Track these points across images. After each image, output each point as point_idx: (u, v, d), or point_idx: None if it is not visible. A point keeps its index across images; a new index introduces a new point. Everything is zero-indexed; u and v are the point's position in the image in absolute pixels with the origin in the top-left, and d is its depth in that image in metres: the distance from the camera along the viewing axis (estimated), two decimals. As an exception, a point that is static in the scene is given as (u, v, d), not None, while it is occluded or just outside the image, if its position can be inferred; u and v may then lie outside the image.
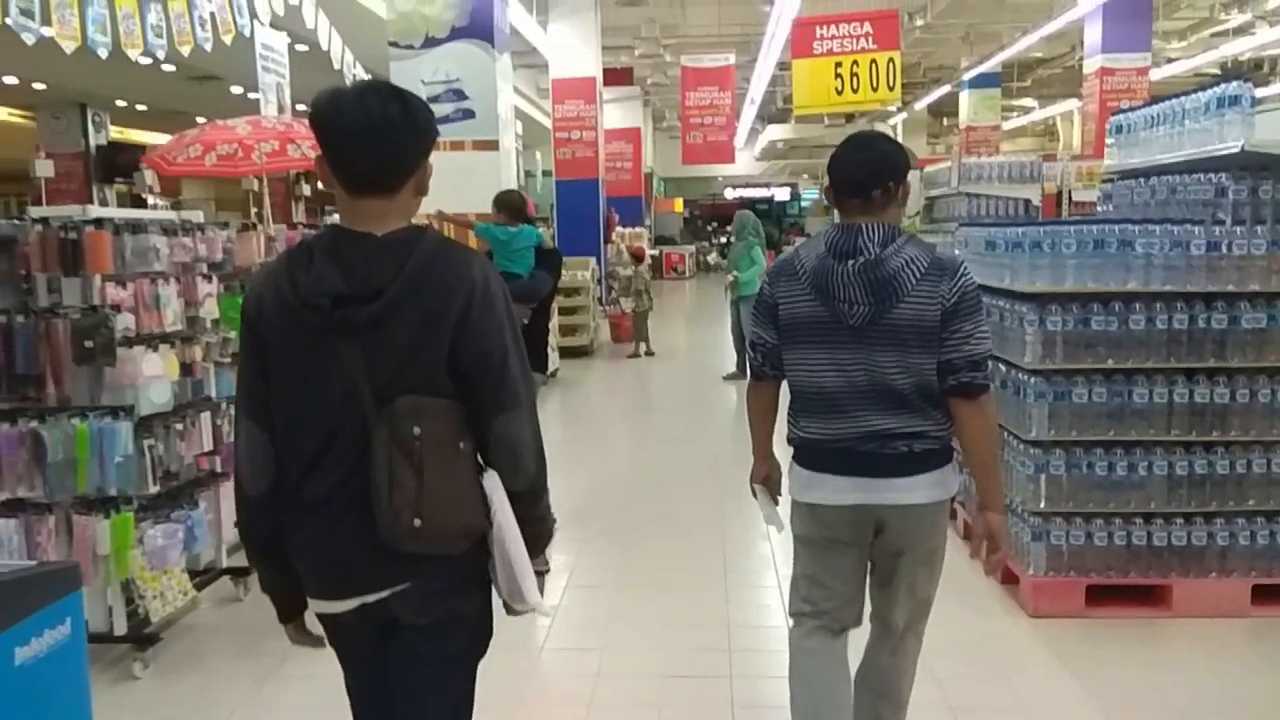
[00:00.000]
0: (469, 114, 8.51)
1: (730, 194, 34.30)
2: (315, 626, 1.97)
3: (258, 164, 5.10)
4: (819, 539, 2.51)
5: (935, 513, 2.46)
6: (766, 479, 2.72)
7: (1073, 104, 18.32)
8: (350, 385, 1.75)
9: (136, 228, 3.58)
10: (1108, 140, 4.90)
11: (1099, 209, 4.99)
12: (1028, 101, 21.27)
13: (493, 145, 8.64)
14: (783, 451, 2.64)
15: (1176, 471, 3.83)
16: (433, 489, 1.72)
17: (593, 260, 12.38)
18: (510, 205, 5.51)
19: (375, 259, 1.74)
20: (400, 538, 1.71)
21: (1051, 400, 3.84)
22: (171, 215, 3.93)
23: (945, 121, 23.98)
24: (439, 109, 8.49)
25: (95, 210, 3.52)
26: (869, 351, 2.34)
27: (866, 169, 2.40)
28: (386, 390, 1.74)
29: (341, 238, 1.78)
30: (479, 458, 1.83)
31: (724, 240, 31.92)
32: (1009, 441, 4.05)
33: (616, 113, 17.52)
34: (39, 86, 13.19)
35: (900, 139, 23.47)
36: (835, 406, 2.40)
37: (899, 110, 21.37)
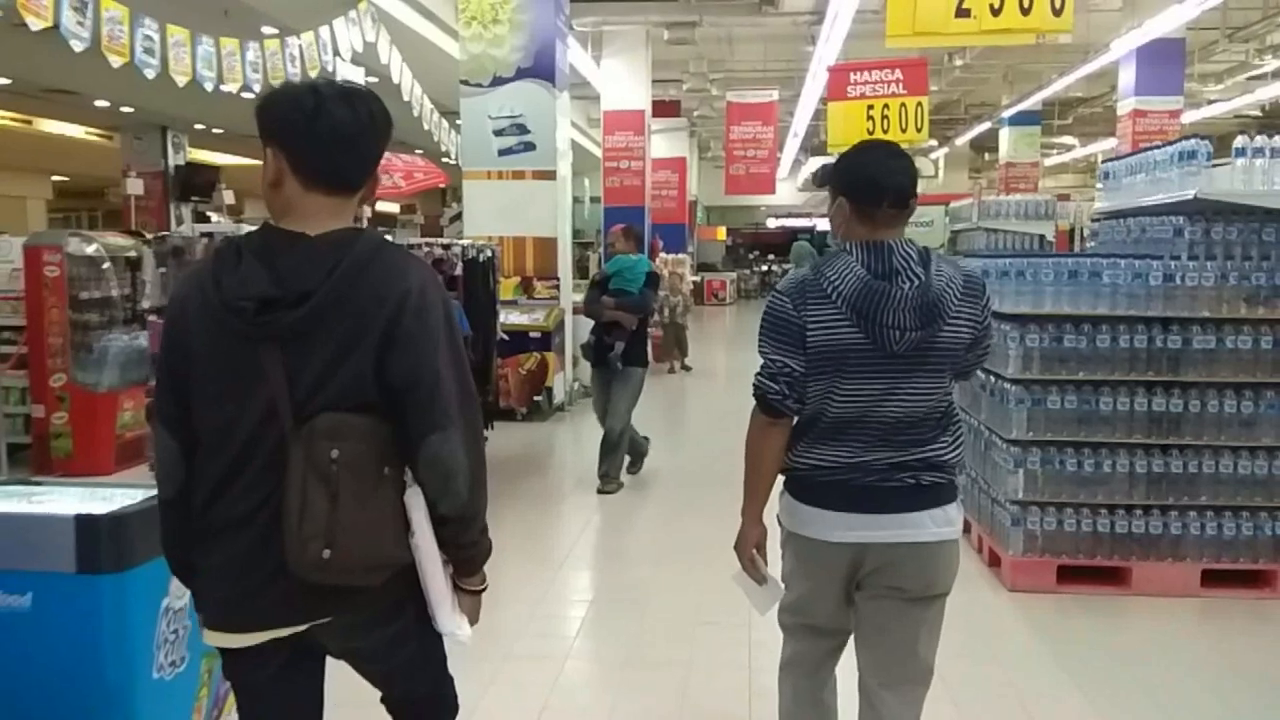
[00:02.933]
0: (530, 146, 9.41)
1: (772, 223, 35.11)
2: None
3: (356, 190, 5.97)
4: (811, 570, 2.37)
5: (942, 554, 2.29)
6: (757, 545, 2.40)
7: (1112, 143, 18.93)
8: (270, 398, 1.66)
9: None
10: (1097, 185, 5.67)
11: (1088, 245, 5.73)
12: (1068, 139, 21.89)
13: (551, 175, 9.53)
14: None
15: (1137, 469, 4.55)
16: (346, 519, 1.62)
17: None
18: (638, 237, 6.95)
19: (306, 261, 1.67)
20: (306, 568, 1.62)
21: (1030, 406, 4.58)
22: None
23: (987, 156, 24.62)
24: (503, 141, 9.45)
25: (246, 226, 4.41)
26: (903, 378, 2.21)
27: (908, 176, 2.27)
28: (307, 405, 1.65)
29: (273, 238, 1.72)
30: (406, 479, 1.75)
31: (765, 269, 32.69)
32: (993, 440, 4.81)
33: (663, 143, 18.41)
34: (127, 110, 14.36)
35: (941, 174, 24.22)
36: (852, 435, 2.24)
37: (940, 145, 22.10)
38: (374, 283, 1.68)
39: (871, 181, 2.25)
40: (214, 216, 12.43)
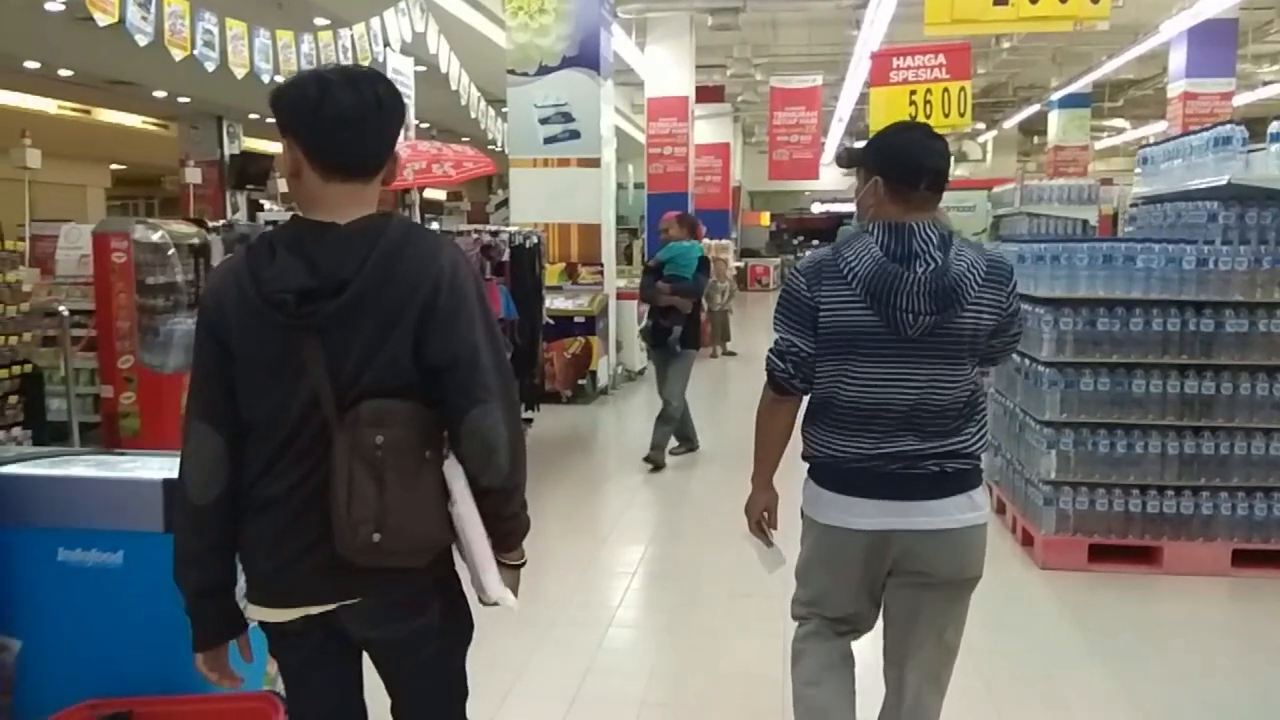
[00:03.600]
0: (575, 134, 9.61)
1: (816, 208, 34.98)
2: (238, 665, 1.91)
3: (409, 180, 6.23)
4: (831, 559, 2.37)
5: (970, 539, 2.28)
6: (766, 509, 2.48)
7: (1163, 125, 18.67)
8: (312, 387, 1.69)
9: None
10: (1136, 170, 5.72)
11: (1126, 229, 5.80)
12: (1119, 122, 21.60)
13: (595, 163, 9.73)
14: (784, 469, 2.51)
15: (1169, 451, 4.65)
16: (394, 502, 1.66)
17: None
18: (691, 225, 7.30)
19: (340, 250, 1.70)
20: (357, 551, 1.65)
21: (1063, 388, 4.69)
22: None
23: (1036, 140, 24.36)
24: (549, 130, 9.65)
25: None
26: (920, 364, 2.20)
27: (944, 157, 2.26)
28: (350, 392, 1.69)
29: (304, 230, 1.74)
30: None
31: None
32: (1026, 422, 4.92)
33: (707, 128, 18.48)
34: (184, 100, 14.80)
35: (990, 158, 24.01)
36: (870, 423, 2.24)
37: (988, 129, 21.92)
38: (408, 266, 1.70)
39: (912, 161, 2.23)
40: (267, 204, 12.81)
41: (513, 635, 3.95)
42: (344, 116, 1.70)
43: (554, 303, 8.97)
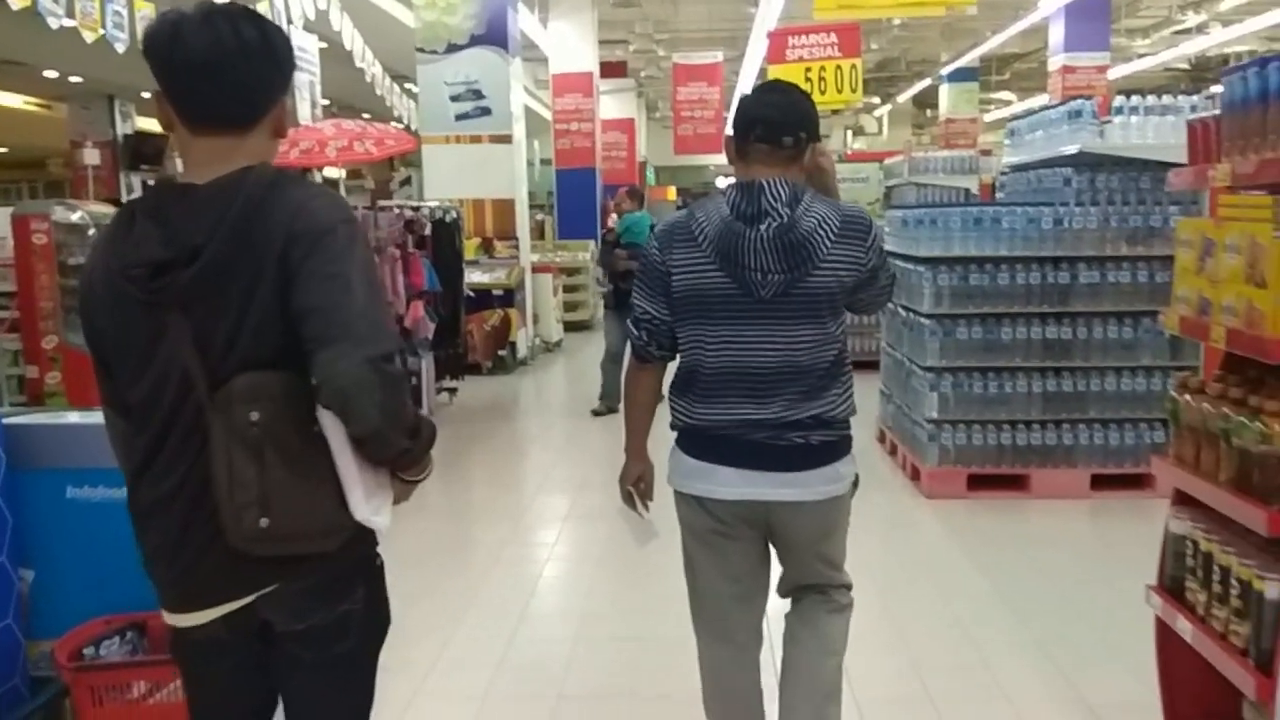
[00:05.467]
0: (486, 111, 9.98)
1: (721, 182, 35.69)
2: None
3: (330, 157, 6.56)
4: (705, 531, 2.35)
5: (831, 508, 2.32)
6: (640, 480, 2.45)
7: (1046, 98, 19.80)
8: (182, 367, 1.58)
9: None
10: (1004, 141, 6.42)
11: (998, 196, 6.50)
12: (1006, 94, 22.75)
13: (506, 139, 10.11)
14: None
15: (1034, 389, 5.34)
16: (278, 483, 1.55)
17: (591, 243, 13.86)
18: (639, 195, 8.20)
19: (195, 214, 1.56)
20: (247, 540, 1.56)
21: (942, 337, 5.34)
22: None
23: (929, 113, 25.43)
24: (460, 107, 9.99)
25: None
26: (778, 325, 2.18)
27: (780, 110, 2.23)
28: (223, 368, 1.57)
29: (165, 194, 1.62)
30: None
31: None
32: (912, 369, 5.58)
33: (612, 104, 18.86)
34: (75, 79, 14.56)
35: (886, 131, 24.98)
36: (732, 388, 2.22)
37: (883, 103, 22.85)
38: (270, 222, 1.56)
39: (744, 114, 2.24)
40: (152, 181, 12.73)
41: (463, 563, 4.44)
42: (196, 60, 1.56)
43: (472, 276, 9.36)
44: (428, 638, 3.75)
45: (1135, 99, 5.20)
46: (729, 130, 2.32)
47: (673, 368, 2.40)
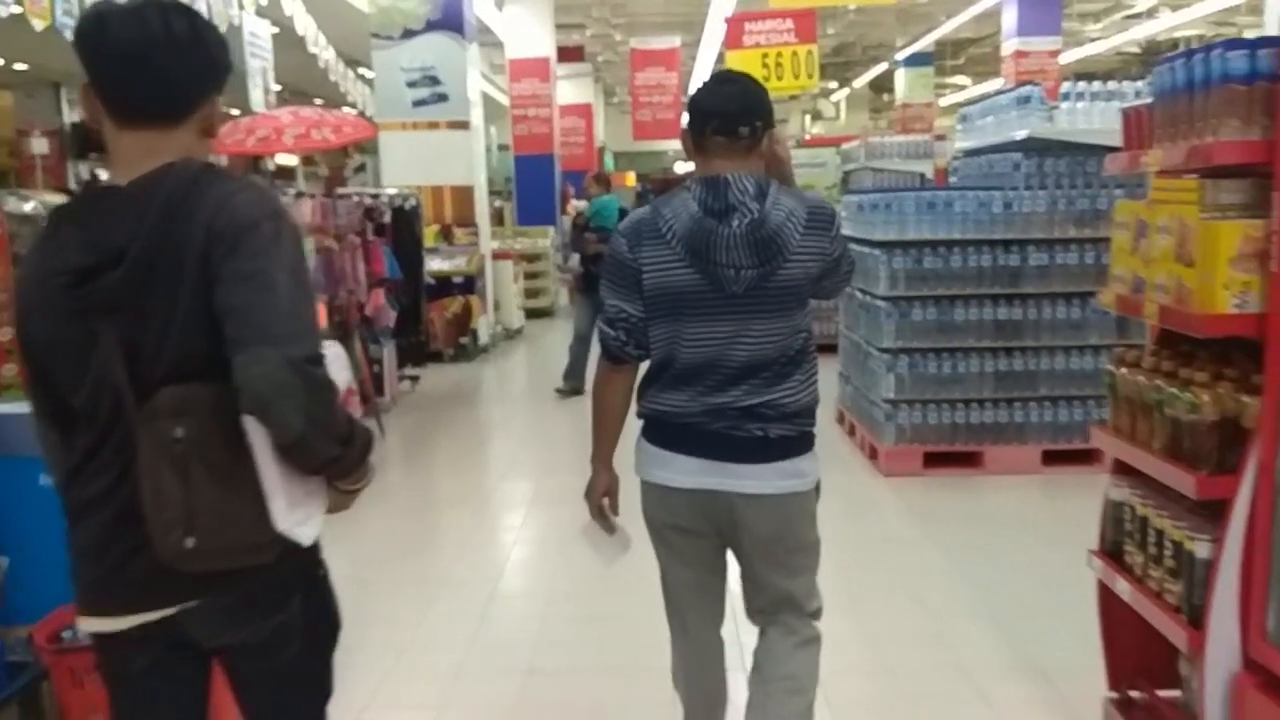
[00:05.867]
0: (443, 98, 9.99)
1: (680, 168, 35.78)
2: None
3: (288, 144, 6.57)
4: (663, 527, 2.36)
5: (789, 505, 2.28)
6: (607, 493, 2.40)
7: (1000, 83, 20.12)
8: (110, 377, 1.53)
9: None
10: (957, 127, 6.59)
11: (950, 180, 6.67)
12: (961, 79, 23.09)
13: (464, 125, 10.14)
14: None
15: (986, 369, 5.52)
16: (206, 502, 1.50)
17: (551, 229, 13.92)
18: (605, 179, 8.62)
19: (115, 215, 1.52)
20: (173, 559, 1.51)
21: (898, 319, 5.50)
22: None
23: (885, 97, 25.73)
24: (416, 93, 9.99)
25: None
26: (748, 320, 2.19)
27: (735, 101, 2.21)
28: (153, 376, 1.52)
29: (88, 196, 1.59)
30: None
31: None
32: (869, 350, 5.74)
33: (569, 89, 18.86)
34: (20, 67, 14.31)
35: (844, 115, 25.25)
36: (701, 379, 2.23)
37: (840, 87, 23.07)
38: (192, 220, 1.51)
39: (698, 107, 2.24)
40: (104, 174, 12.61)
41: (436, 549, 4.53)
42: (122, 50, 1.54)
43: (432, 264, 9.40)
44: (399, 619, 3.84)
45: (1081, 85, 5.37)
46: (684, 124, 2.30)
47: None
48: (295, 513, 1.59)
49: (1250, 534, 2.17)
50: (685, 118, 2.29)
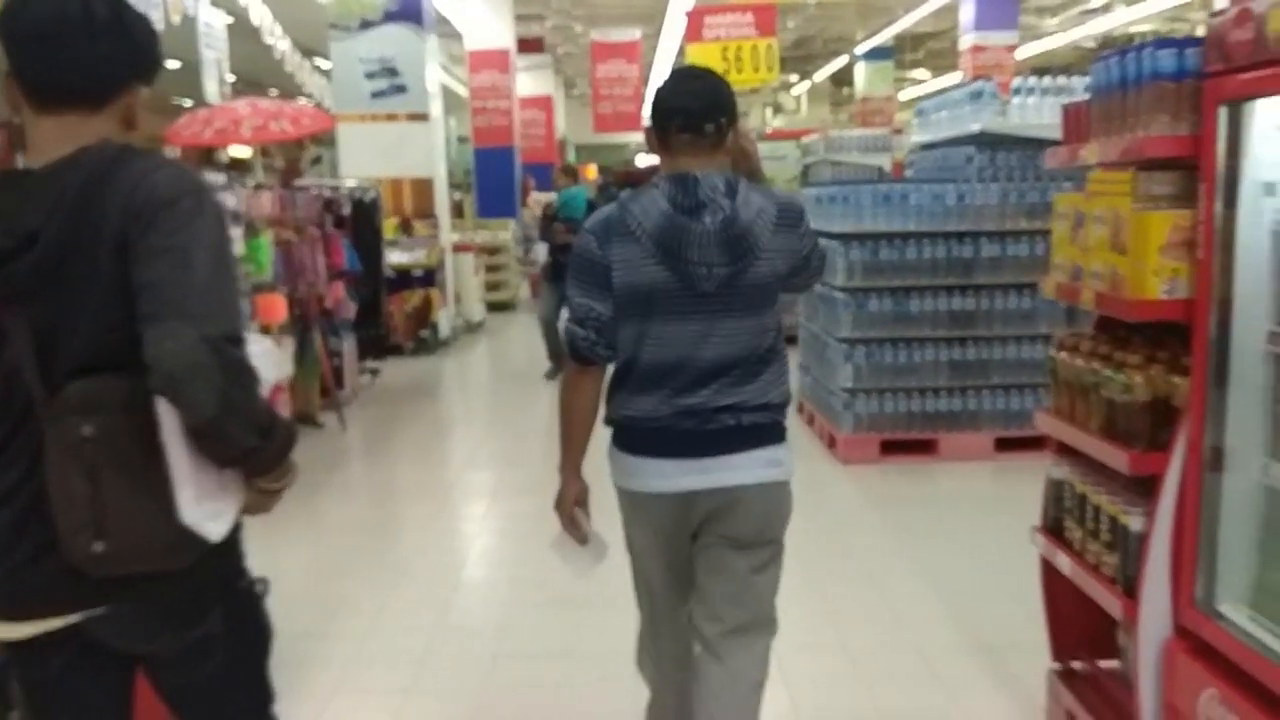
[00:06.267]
0: (401, 89, 10.01)
1: (641, 160, 35.85)
2: None
3: (245, 136, 6.58)
4: (648, 530, 2.34)
5: (771, 497, 2.28)
6: (578, 502, 2.36)
7: (959, 77, 20.40)
8: (21, 369, 1.48)
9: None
10: (913, 120, 6.75)
11: (906, 173, 6.83)
12: (921, 73, 23.38)
13: (423, 117, 10.16)
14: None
15: (941, 358, 5.69)
16: (117, 504, 1.44)
17: (512, 222, 13.96)
18: (572, 171, 8.88)
19: (28, 198, 1.48)
20: (82, 563, 1.45)
21: (855, 309, 5.65)
22: (217, 178, 5.44)
23: (846, 91, 25.98)
24: (375, 85, 10.00)
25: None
26: (719, 318, 2.18)
27: (700, 99, 2.20)
28: (65, 368, 1.47)
29: (1, 180, 1.55)
30: None
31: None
32: (827, 341, 5.88)
33: (529, 81, 18.86)
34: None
35: (805, 109, 25.43)
36: (668, 381, 2.20)
37: (801, 80, 23.28)
38: (108, 200, 1.46)
39: (662, 104, 2.22)
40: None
41: (409, 527, 4.60)
42: (35, 30, 1.51)
43: (391, 256, 9.42)
44: (363, 606, 3.90)
45: (1033, 80, 5.54)
46: (648, 121, 2.28)
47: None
48: (203, 506, 1.50)
49: (1180, 507, 2.31)
50: (649, 115, 2.27)
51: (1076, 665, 2.91)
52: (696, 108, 2.19)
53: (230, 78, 10.22)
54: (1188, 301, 2.30)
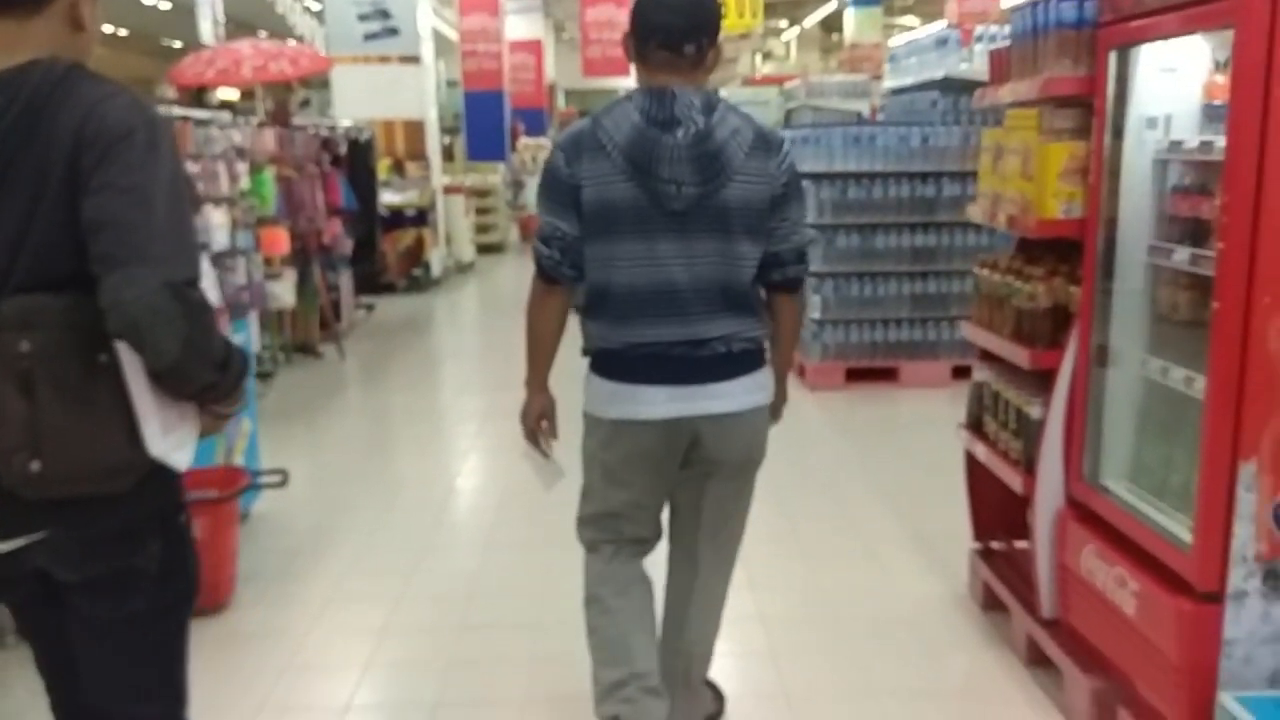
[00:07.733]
0: (393, 31, 10.24)
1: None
2: None
3: (246, 76, 6.88)
4: (622, 460, 2.30)
5: (756, 421, 2.32)
6: (542, 417, 2.38)
7: (945, 23, 20.52)
8: None
9: (199, 123, 5.41)
10: (886, 66, 7.09)
11: (879, 117, 7.19)
12: (910, 19, 23.50)
13: (415, 60, 10.42)
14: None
15: (904, 292, 6.10)
16: (54, 422, 1.43)
17: (501, 166, 14.24)
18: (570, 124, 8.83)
19: None
20: (18, 484, 1.44)
21: (824, 245, 6.04)
22: (224, 115, 5.76)
23: (835, 37, 26.06)
24: (368, 27, 10.24)
25: (178, 110, 5.32)
26: (690, 240, 2.14)
27: (681, 15, 2.12)
28: (6, 286, 1.44)
29: None
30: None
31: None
32: (798, 274, 6.29)
33: (519, 24, 18.95)
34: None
35: (794, 55, 25.53)
36: (648, 307, 2.17)
37: (791, 25, 23.37)
38: (57, 123, 1.43)
39: (641, 18, 2.15)
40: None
41: (392, 455, 5.01)
42: None
43: (384, 196, 9.75)
44: (363, 508, 4.33)
45: (994, 28, 5.87)
46: (627, 32, 2.21)
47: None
48: (169, 436, 1.53)
49: (1072, 397, 2.74)
50: (628, 25, 2.19)
51: (994, 545, 3.36)
52: (677, 26, 2.13)
53: (223, 19, 10.46)
54: (1081, 220, 2.70)
